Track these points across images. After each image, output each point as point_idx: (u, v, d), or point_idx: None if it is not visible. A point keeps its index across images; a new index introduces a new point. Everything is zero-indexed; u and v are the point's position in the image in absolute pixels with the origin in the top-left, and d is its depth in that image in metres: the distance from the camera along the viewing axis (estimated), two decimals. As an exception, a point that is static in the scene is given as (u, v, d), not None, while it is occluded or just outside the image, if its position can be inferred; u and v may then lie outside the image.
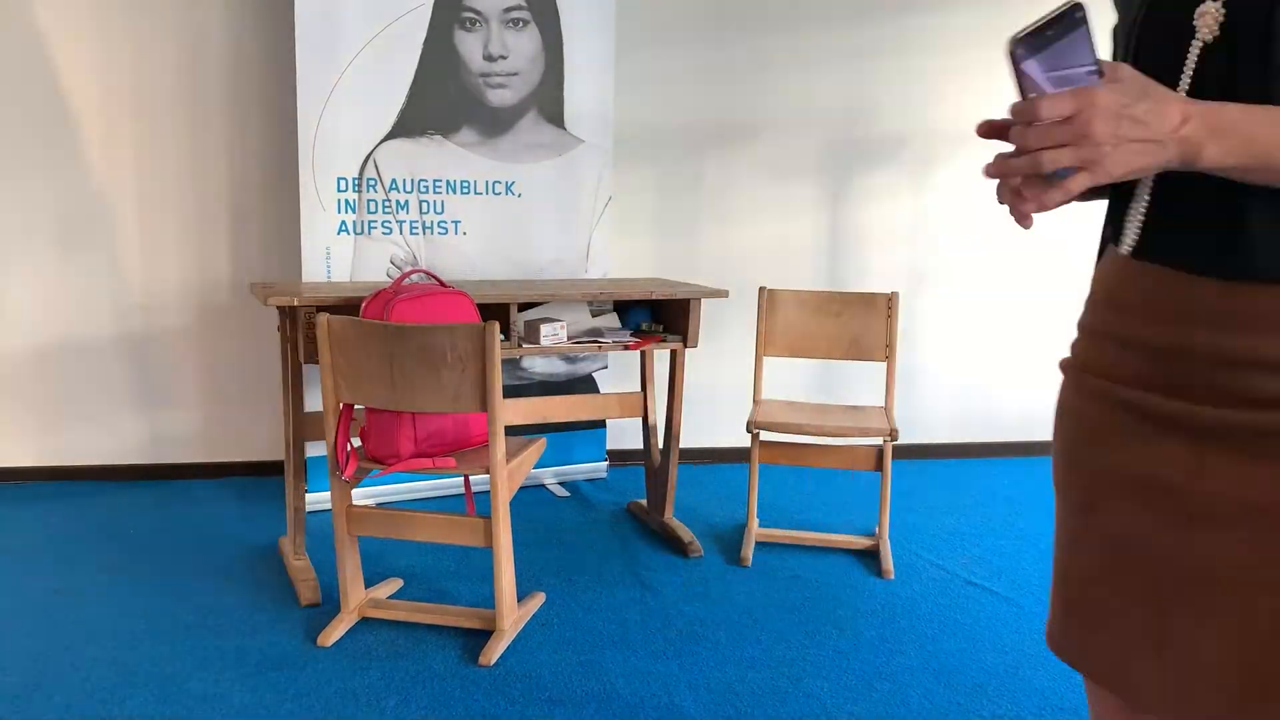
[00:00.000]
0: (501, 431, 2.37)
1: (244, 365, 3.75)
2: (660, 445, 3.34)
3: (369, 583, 2.76)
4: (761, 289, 3.19)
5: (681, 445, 3.81)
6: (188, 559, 2.98)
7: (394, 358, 2.32)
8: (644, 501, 3.49)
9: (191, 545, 3.09)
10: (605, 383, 3.83)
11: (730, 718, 2.15)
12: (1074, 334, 1.12)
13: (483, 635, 2.49)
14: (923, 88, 4.12)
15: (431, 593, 2.76)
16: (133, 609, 2.63)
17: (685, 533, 3.18)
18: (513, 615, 2.50)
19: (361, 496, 3.40)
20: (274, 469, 3.81)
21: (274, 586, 2.79)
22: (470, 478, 2.91)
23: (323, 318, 2.37)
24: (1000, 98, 4.21)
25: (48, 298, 3.60)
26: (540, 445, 2.68)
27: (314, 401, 3.34)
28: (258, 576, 2.86)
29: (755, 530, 3.20)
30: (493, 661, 2.37)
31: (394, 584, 2.80)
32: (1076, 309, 4.31)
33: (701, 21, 3.93)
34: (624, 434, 4.05)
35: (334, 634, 2.47)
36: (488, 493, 3.64)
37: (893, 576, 2.96)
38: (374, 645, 2.44)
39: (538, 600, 2.71)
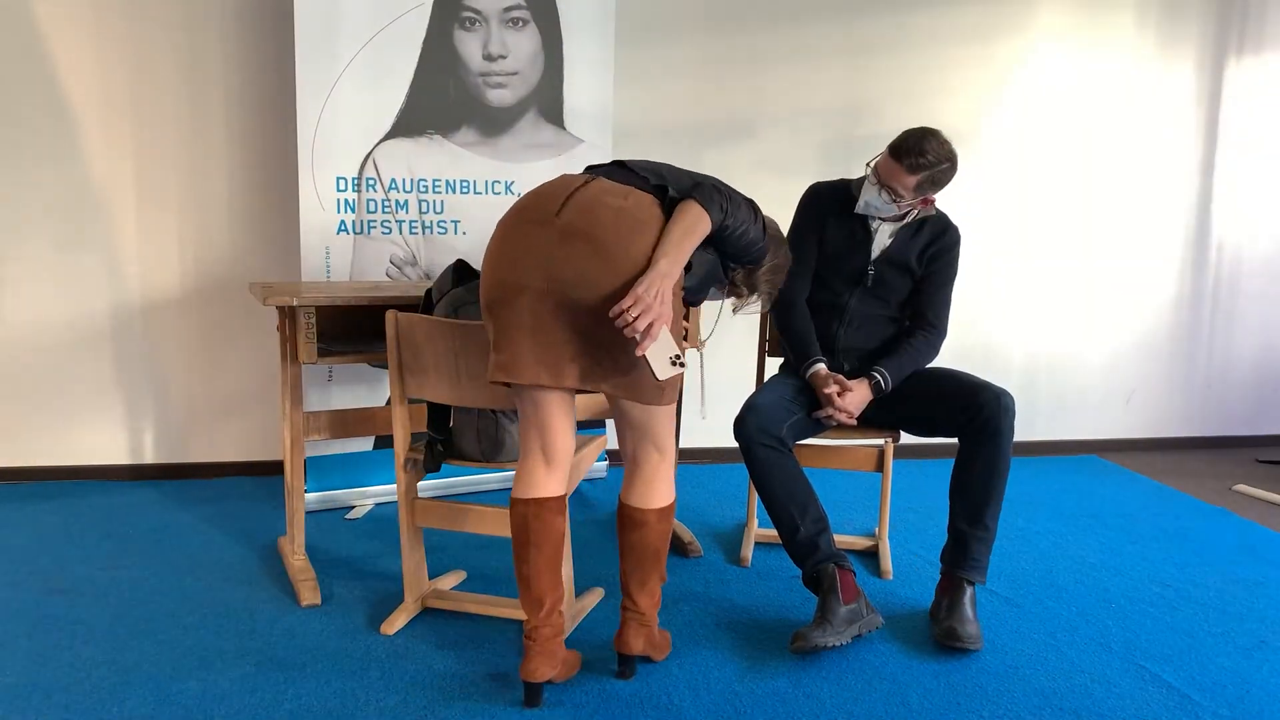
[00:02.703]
0: None
1: (244, 365, 3.75)
2: (660, 445, 3.33)
3: (371, 584, 2.76)
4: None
5: (681, 445, 3.80)
6: (187, 559, 2.98)
7: (458, 354, 2.35)
8: (644, 501, 3.48)
9: (191, 545, 3.09)
10: (605, 382, 3.82)
11: (730, 718, 2.15)
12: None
13: (496, 631, 2.49)
14: (923, 83, 4.12)
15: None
16: (132, 609, 2.62)
17: (685, 533, 3.18)
18: (570, 609, 2.53)
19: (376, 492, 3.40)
20: (274, 469, 3.81)
21: (274, 586, 2.78)
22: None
23: (390, 314, 2.41)
24: (1000, 93, 4.21)
25: (47, 297, 3.60)
26: (601, 442, 2.70)
27: (313, 401, 3.34)
28: (258, 576, 2.85)
29: (755, 530, 3.20)
30: None
31: (458, 575, 2.86)
32: (1075, 310, 4.31)
33: (700, 18, 3.93)
34: (624, 434, 4.05)
35: (397, 623, 2.51)
36: (496, 491, 3.65)
37: (891, 577, 2.96)
38: (373, 647, 2.44)
39: (596, 595, 2.75)
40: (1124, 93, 4.31)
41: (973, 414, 2.55)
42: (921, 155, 2.60)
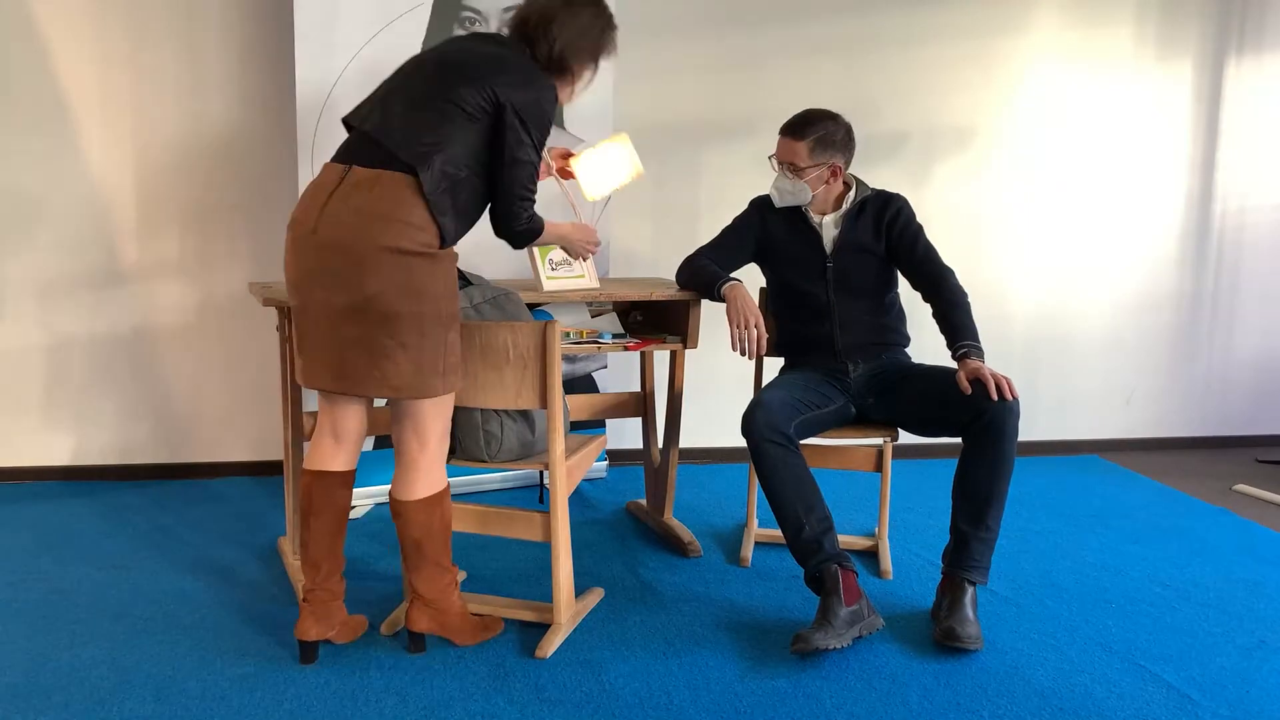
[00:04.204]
0: (561, 428, 2.40)
1: (244, 365, 3.75)
2: (660, 445, 3.34)
3: (371, 584, 2.76)
4: (762, 289, 3.18)
5: (681, 445, 3.80)
6: (187, 558, 2.98)
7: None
8: (644, 501, 3.48)
9: (191, 545, 3.09)
10: (605, 383, 3.82)
11: (730, 718, 2.15)
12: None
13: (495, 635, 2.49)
14: (924, 81, 4.12)
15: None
16: (132, 609, 2.62)
17: (685, 533, 3.18)
18: (570, 609, 2.52)
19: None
20: (274, 469, 3.81)
21: (274, 586, 2.78)
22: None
23: None
24: (999, 92, 4.21)
25: (47, 297, 3.60)
26: (601, 442, 2.71)
27: (313, 401, 3.34)
28: (258, 576, 2.85)
29: (755, 530, 3.20)
30: (549, 654, 2.39)
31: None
32: (1075, 310, 4.29)
33: (701, 18, 3.93)
34: (624, 434, 4.05)
35: (397, 623, 2.52)
36: (496, 491, 3.65)
37: (891, 577, 2.96)
38: (373, 647, 2.44)
39: (596, 595, 2.75)
40: (1124, 91, 4.31)
41: (977, 414, 2.55)
42: (806, 123, 2.78)
